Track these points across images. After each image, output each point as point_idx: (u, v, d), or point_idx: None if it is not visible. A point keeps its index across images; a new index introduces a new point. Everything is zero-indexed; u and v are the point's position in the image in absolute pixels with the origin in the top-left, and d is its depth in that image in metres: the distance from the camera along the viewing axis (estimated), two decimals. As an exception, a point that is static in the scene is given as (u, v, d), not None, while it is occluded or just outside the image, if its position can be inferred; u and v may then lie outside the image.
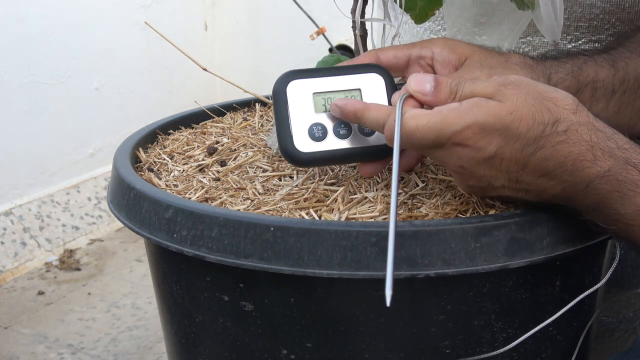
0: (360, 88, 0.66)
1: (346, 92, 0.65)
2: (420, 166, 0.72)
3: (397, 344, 0.63)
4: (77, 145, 2.24)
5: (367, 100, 0.65)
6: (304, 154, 0.64)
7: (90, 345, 1.56)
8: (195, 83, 2.47)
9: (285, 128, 0.64)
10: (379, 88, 0.66)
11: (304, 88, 0.65)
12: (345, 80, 0.66)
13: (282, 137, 0.64)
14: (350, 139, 0.65)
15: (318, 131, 0.64)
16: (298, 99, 0.65)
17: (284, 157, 0.65)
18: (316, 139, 0.64)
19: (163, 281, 0.73)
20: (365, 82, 0.66)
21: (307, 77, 0.65)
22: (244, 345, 0.67)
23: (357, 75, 0.66)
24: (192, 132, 0.88)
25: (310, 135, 0.64)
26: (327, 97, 0.65)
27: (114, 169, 0.75)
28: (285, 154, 0.64)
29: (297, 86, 0.65)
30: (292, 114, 0.64)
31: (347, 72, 0.66)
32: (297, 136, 0.64)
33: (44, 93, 2.10)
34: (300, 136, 0.64)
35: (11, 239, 1.96)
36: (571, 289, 0.66)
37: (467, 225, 0.59)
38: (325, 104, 0.65)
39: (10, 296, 1.78)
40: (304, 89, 0.65)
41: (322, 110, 0.65)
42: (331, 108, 0.65)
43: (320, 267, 0.59)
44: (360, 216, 0.63)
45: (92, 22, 2.20)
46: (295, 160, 0.65)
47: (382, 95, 0.66)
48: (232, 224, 0.61)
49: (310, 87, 0.65)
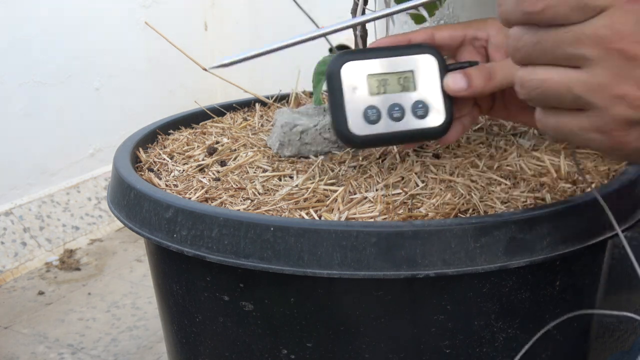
0: (413, 70, 0.66)
1: (399, 73, 0.66)
2: (420, 166, 0.72)
3: (397, 344, 0.63)
4: (77, 145, 2.23)
5: (419, 83, 0.66)
6: (358, 137, 0.64)
7: (90, 345, 1.56)
8: (195, 83, 2.47)
9: (339, 111, 0.64)
10: (432, 70, 0.66)
11: (358, 70, 0.65)
12: (398, 61, 0.66)
13: (337, 119, 0.64)
14: (403, 121, 0.65)
15: (373, 114, 0.64)
16: (352, 81, 0.65)
17: (338, 139, 0.66)
18: (371, 122, 0.64)
19: (163, 281, 0.73)
20: (418, 63, 0.66)
21: (361, 58, 0.65)
22: (244, 345, 0.67)
23: (410, 57, 0.66)
24: (192, 132, 0.88)
25: (365, 119, 0.64)
26: (381, 79, 0.65)
27: (114, 169, 0.75)
28: (340, 136, 0.64)
29: (351, 68, 0.65)
30: (347, 96, 0.64)
31: (400, 54, 0.66)
32: (351, 119, 0.64)
33: (44, 93, 2.10)
34: (355, 119, 0.64)
35: (11, 239, 1.96)
36: (571, 289, 0.66)
37: (467, 225, 0.59)
38: (378, 86, 0.65)
39: (10, 296, 1.78)
40: (359, 70, 0.65)
41: (376, 93, 0.65)
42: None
43: (320, 267, 0.59)
44: (360, 216, 0.63)
45: (92, 22, 2.20)
46: (349, 143, 0.65)
47: (435, 77, 0.66)
48: (232, 224, 0.61)
49: (365, 68, 0.65)
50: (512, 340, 0.65)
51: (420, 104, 0.65)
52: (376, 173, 0.71)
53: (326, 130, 0.76)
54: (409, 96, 0.65)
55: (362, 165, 0.73)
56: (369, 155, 0.75)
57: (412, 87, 0.65)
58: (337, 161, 0.74)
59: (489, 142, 0.79)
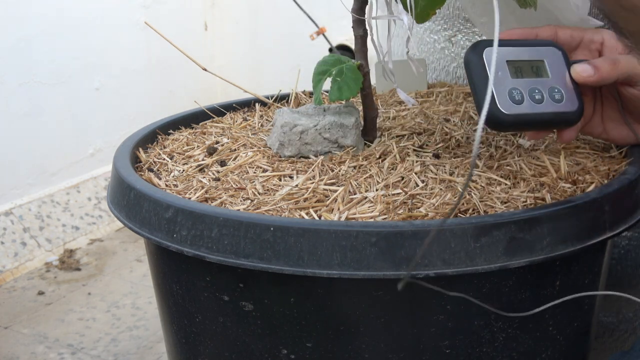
0: (544, 59, 0.70)
1: (533, 62, 0.69)
2: (420, 166, 0.72)
3: (397, 343, 0.63)
4: (77, 145, 2.23)
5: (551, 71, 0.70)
6: (508, 116, 0.66)
7: (90, 345, 1.56)
8: (195, 83, 2.47)
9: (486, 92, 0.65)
10: (559, 61, 0.70)
11: (498, 55, 0.67)
12: (531, 51, 0.70)
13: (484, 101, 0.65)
14: (544, 104, 0.68)
15: (517, 94, 0.67)
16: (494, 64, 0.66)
17: (488, 122, 0.67)
18: (516, 102, 0.66)
19: (163, 281, 0.73)
20: (547, 54, 0.70)
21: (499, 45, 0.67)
22: (244, 345, 0.67)
23: (540, 48, 0.70)
24: (192, 132, 0.88)
25: (510, 98, 0.66)
26: (518, 66, 0.68)
27: (114, 169, 0.75)
28: (490, 116, 0.66)
29: (491, 53, 0.67)
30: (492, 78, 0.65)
31: (532, 44, 0.70)
32: (499, 99, 0.66)
33: (44, 93, 2.10)
34: (503, 99, 0.66)
35: (11, 239, 1.96)
36: (571, 289, 0.66)
37: (467, 225, 0.59)
38: (516, 72, 0.68)
39: (10, 296, 1.78)
40: (498, 56, 0.68)
41: (516, 77, 0.68)
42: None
43: (320, 267, 0.59)
44: (360, 216, 0.63)
45: (92, 22, 2.20)
46: (499, 123, 0.67)
47: (563, 67, 0.70)
48: (232, 224, 0.61)
49: (503, 54, 0.68)
50: (512, 340, 0.65)
51: (556, 90, 0.68)
52: (376, 173, 0.71)
53: (326, 130, 0.76)
54: (545, 82, 0.69)
55: (362, 165, 0.73)
56: (369, 156, 0.75)
57: (546, 74, 0.69)
58: (337, 161, 0.74)
59: (488, 141, 0.79)
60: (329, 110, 0.80)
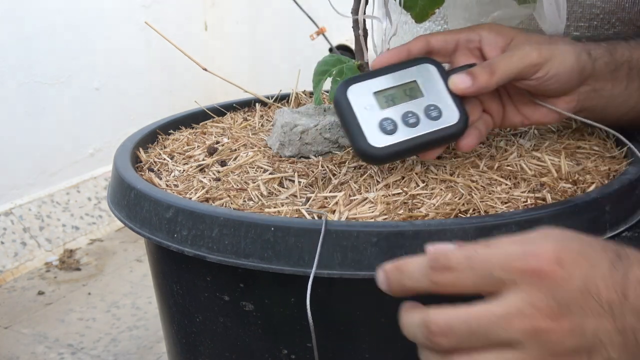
0: (415, 79, 0.67)
1: (404, 85, 0.67)
2: (420, 166, 0.72)
3: (397, 344, 0.63)
4: (77, 145, 2.24)
5: (425, 90, 0.67)
6: (380, 150, 0.64)
7: (90, 345, 1.56)
8: (195, 83, 2.47)
9: (355, 128, 0.65)
10: (434, 76, 0.68)
11: (363, 90, 0.66)
12: (401, 75, 0.67)
13: (355, 137, 0.65)
14: (420, 126, 0.66)
15: (389, 124, 0.65)
16: (361, 100, 0.66)
17: (361, 157, 0.66)
18: (388, 132, 0.65)
19: (163, 281, 0.73)
20: (419, 73, 0.68)
21: (363, 80, 0.67)
22: (244, 345, 0.67)
23: (410, 69, 0.68)
24: (192, 132, 0.88)
25: (382, 130, 0.65)
26: (388, 94, 0.67)
27: (114, 169, 0.75)
28: (361, 152, 0.65)
29: (356, 90, 0.66)
30: (359, 115, 0.65)
31: (399, 68, 0.68)
32: (369, 134, 0.64)
33: (44, 93, 2.10)
34: (372, 133, 0.65)
35: (11, 239, 1.96)
36: (571, 289, 0.66)
37: (467, 225, 0.59)
38: (387, 101, 0.66)
39: (10, 296, 1.78)
40: (364, 90, 0.66)
41: (387, 106, 0.66)
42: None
43: (320, 267, 0.59)
44: (361, 216, 0.63)
45: (93, 22, 2.20)
46: (372, 158, 0.65)
47: (439, 81, 0.67)
48: (232, 224, 0.61)
49: (369, 88, 0.66)
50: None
51: (432, 107, 0.66)
52: (376, 173, 0.71)
53: (326, 130, 0.76)
54: (419, 102, 0.67)
55: (363, 165, 0.73)
56: (369, 155, 0.75)
57: (420, 94, 0.67)
58: (337, 161, 0.74)
59: (489, 142, 0.79)
60: (329, 110, 0.80)
